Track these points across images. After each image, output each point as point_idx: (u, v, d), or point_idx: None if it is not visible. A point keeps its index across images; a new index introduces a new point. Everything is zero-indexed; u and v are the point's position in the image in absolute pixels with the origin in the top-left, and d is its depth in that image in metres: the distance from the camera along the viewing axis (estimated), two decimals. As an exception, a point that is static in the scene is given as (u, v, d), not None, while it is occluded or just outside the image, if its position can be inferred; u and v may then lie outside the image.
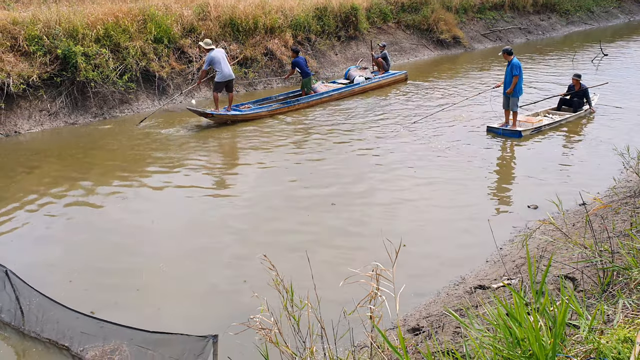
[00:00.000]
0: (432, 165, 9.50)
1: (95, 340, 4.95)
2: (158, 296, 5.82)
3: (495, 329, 2.15)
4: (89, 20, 13.10)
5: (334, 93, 14.31)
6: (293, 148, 10.65)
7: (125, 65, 13.30)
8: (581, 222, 6.51)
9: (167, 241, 7.00)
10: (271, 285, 2.89)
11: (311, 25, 17.87)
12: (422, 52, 21.09)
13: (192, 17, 15.33)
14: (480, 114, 12.54)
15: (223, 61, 12.12)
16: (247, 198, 8.31)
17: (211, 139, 11.32)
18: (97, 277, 6.14)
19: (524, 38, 25.00)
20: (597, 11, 30.18)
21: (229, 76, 12.30)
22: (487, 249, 6.51)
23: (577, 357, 2.04)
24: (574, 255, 5.16)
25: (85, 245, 6.93)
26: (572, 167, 9.40)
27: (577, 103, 12.14)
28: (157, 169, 9.50)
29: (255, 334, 4.48)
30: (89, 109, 12.71)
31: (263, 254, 3.07)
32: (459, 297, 5.49)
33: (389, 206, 7.90)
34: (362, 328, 2.87)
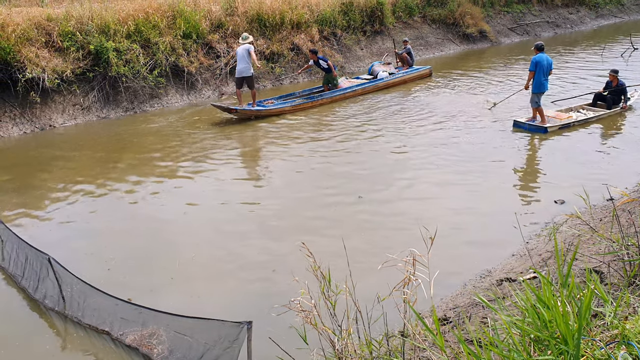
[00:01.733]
0: (457, 159, 9.55)
1: (134, 326, 5.16)
2: (191, 284, 6.02)
3: (523, 314, 2.27)
4: (120, 17, 13.42)
5: (357, 88, 14.39)
6: (318, 142, 10.79)
7: (155, 60, 13.59)
8: (608, 217, 6.54)
9: (198, 231, 7.21)
10: (309, 271, 3.04)
11: (337, 20, 17.97)
12: (448, 46, 21.04)
13: (220, 13, 15.57)
14: (510, 108, 12.52)
15: (240, 58, 12.25)
16: (275, 190, 8.50)
17: (236, 134, 11.51)
18: (133, 265, 6.38)
19: (552, 32, 24.74)
20: (628, 4, 29.67)
21: (239, 73, 12.34)
22: (514, 242, 6.58)
23: (602, 341, 2.15)
24: (601, 248, 5.23)
25: (121, 235, 7.18)
26: (599, 162, 9.36)
27: (612, 100, 11.92)
28: (187, 162, 9.74)
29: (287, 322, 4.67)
30: (120, 104, 13.04)
31: (302, 242, 3.22)
32: (485, 290, 5.59)
33: (414, 200, 8.00)
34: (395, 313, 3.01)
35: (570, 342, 1.86)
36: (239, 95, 12.61)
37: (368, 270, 5.46)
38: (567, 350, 1.88)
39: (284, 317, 4.18)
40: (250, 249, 6.70)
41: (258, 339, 4.18)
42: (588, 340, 2.10)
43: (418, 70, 16.20)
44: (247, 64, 12.20)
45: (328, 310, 2.97)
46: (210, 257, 6.58)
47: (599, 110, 11.87)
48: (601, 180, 8.15)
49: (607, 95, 11.98)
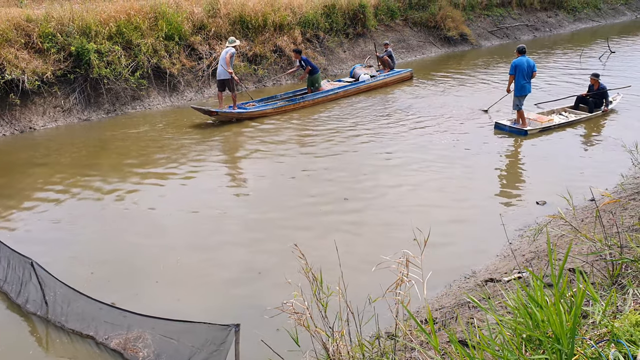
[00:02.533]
0: (438, 161, 9.62)
1: (118, 329, 5.11)
2: (176, 288, 5.98)
3: (514, 313, 2.30)
4: (101, 18, 13.30)
5: (339, 91, 14.39)
6: (300, 145, 10.80)
7: (137, 62, 13.49)
8: (590, 218, 6.64)
9: (182, 235, 7.17)
10: (300, 273, 3.05)
11: (319, 22, 18.01)
12: (430, 49, 21.20)
13: (202, 15, 15.51)
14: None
15: (221, 60, 12.26)
16: (258, 193, 8.48)
17: (217, 137, 11.43)
18: (117, 269, 6.32)
19: (531, 35, 25.07)
20: (604, 8, 30.19)
21: (218, 75, 12.39)
22: (497, 243, 6.66)
23: (592, 340, 2.18)
24: (584, 249, 5.31)
25: (104, 239, 7.11)
26: (579, 164, 9.50)
27: (593, 103, 12.07)
28: (169, 165, 9.67)
29: (274, 324, 4.66)
30: (102, 106, 12.91)
31: (294, 244, 3.22)
32: (470, 290, 5.64)
33: (398, 202, 8.04)
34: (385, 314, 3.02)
35: (564, 341, 1.89)
36: (220, 98, 12.56)
37: (357, 271, 5.49)
38: (560, 349, 1.91)
39: (271, 320, 4.18)
40: (235, 252, 6.68)
41: (245, 342, 4.16)
42: (579, 339, 2.13)
43: (399, 73, 16.28)
44: (227, 67, 12.17)
45: (320, 312, 2.98)
46: (195, 260, 6.54)
47: (581, 113, 12.03)
48: (581, 182, 8.27)
49: (588, 98, 12.16)
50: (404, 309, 2.69)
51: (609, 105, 12.21)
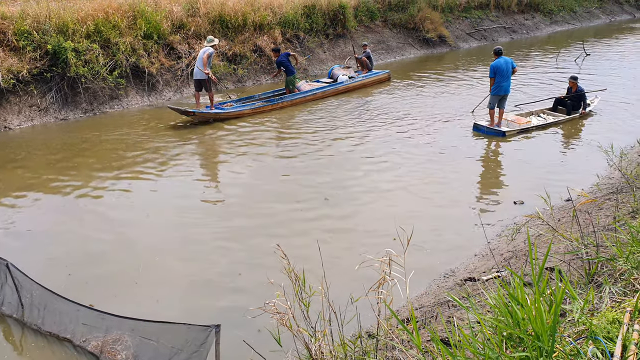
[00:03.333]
0: (417, 162, 9.68)
1: (97, 332, 5.04)
2: (156, 289, 5.93)
3: (495, 312, 2.32)
4: (79, 16, 13.13)
5: (318, 92, 14.36)
6: (278, 146, 10.77)
7: (115, 61, 13.35)
8: (566, 217, 6.74)
9: (161, 235, 7.11)
10: (284, 273, 3.04)
11: (300, 22, 18.01)
12: (409, 50, 21.32)
13: (181, 14, 15.39)
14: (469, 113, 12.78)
15: (198, 60, 12.19)
16: (238, 193, 8.45)
17: (195, 137, 11.31)
18: (95, 271, 6.24)
19: (508, 37, 25.36)
20: (580, 11, 30.68)
21: (195, 75, 12.32)
22: (476, 243, 6.72)
23: (571, 337, 2.22)
24: (561, 248, 5.39)
25: (82, 240, 7.01)
26: (556, 165, 9.63)
27: (571, 105, 12.22)
28: (147, 165, 9.57)
29: (255, 325, 4.65)
30: (79, 105, 12.74)
31: (277, 244, 3.21)
32: (449, 289, 5.68)
33: (377, 202, 8.08)
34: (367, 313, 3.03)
35: (544, 338, 1.92)
36: (197, 98, 12.47)
37: (339, 271, 5.50)
38: (540, 347, 1.94)
39: (252, 321, 4.17)
40: (215, 253, 6.64)
41: (226, 343, 4.14)
42: (558, 336, 2.16)
43: (377, 74, 16.32)
44: (203, 66, 12.09)
45: (302, 312, 2.98)
46: (175, 260, 6.49)
47: (559, 115, 12.19)
48: (559, 182, 8.39)
49: (567, 100, 12.33)
50: (385, 308, 2.71)
51: (587, 107, 12.39)
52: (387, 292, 2.66)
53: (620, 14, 33.21)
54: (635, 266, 3.14)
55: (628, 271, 3.16)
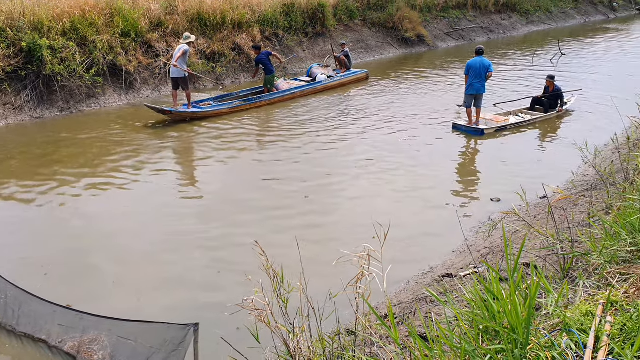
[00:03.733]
0: (396, 160, 9.73)
1: (73, 332, 4.98)
2: (134, 288, 5.88)
3: (471, 306, 2.35)
4: (54, 13, 12.93)
5: (296, 91, 14.32)
6: (257, 145, 10.74)
7: (92, 59, 13.18)
8: (542, 214, 6.84)
9: (139, 234, 7.05)
10: (262, 270, 3.04)
11: (279, 21, 17.97)
12: (388, 50, 21.41)
13: (159, 11, 15.27)
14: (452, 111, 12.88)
15: (173, 58, 12.08)
16: (215, 192, 8.42)
17: (172, 136, 11.18)
18: (72, 270, 6.17)
19: (485, 37, 25.61)
20: (555, 12, 31.09)
21: (172, 73, 12.20)
22: (453, 239, 6.78)
23: (546, 330, 2.26)
24: (537, 244, 5.47)
25: (58, 239, 6.93)
26: (533, 162, 9.75)
27: (549, 104, 12.37)
28: (123, 165, 9.46)
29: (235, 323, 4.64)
30: (55, 103, 12.56)
31: (255, 241, 3.21)
32: (427, 285, 5.73)
33: (356, 200, 8.11)
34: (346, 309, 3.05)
35: (520, 330, 1.94)
36: (174, 96, 12.36)
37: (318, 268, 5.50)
38: (516, 339, 1.97)
39: (231, 319, 4.15)
40: (194, 252, 6.61)
41: (204, 341, 4.13)
42: (533, 329, 2.20)
43: (355, 73, 16.34)
44: (180, 64, 11.97)
45: (280, 309, 2.98)
46: (153, 259, 6.44)
47: (536, 114, 12.35)
48: (534, 179, 8.48)
49: (544, 99, 12.49)
50: (364, 304, 2.72)
51: (564, 106, 12.57)
52: (365, 287, 2.68)
53: (594, 15, 33.75)
54: (608, 260, 3.20)
55: (601, 265, 3.22)
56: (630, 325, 2.20)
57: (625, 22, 32.34)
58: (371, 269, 2.75)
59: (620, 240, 3.38)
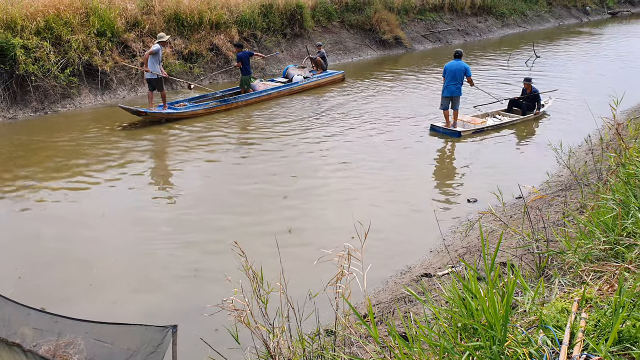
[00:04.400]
0: (374, 160, 9.78)
1: (48, 336, 4.90)
2: (111, 290, 5.82)
3: (450, 304, 2.38)
4: (28, 12, 12.74)
5: (272, 92, 14.29)
6: (233, 147, 10.66)
7: (67, 59, 13.00)
8: (518, 214, 6.93)
9: (116, 236, 6.98)
10: (241, 271, 3.03)
11: (257, 21, 17.94)
12: (365, 51, 21.50)
13: (136, 11, 15.12)
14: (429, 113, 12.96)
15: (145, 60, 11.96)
16: (193, 193, 8.36)
17: (147, 137, 11.06)
18: (48, 273, 6.07)
19: (462, 39, 25.87)
20: (530, 15, 31.55)
21: (146, 75, 12.07)
22: (431, 239, 6.83)
23: (523, 327, 2.29)
24: (513, 243, 5.55)
25: (32, 241, 6.81)
26: (509, 163, 9.87)
27: (526, 106, 12.48)
28: (96, 168, 9.31)
29: (214, 324, 4.61)
30: (29, 104, 12.35)
31: (234, 241, 3.20)
32: (406, 285, 5.77)
33: (334, 201, 8.13)
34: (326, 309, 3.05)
35: (497, 327, 1.97)
36: (150, 97, 12.23)
37: (298, 268, 5.50)
38: (494, 336, 2.00)
39: (210, 320, 4.13)
40: (171, 253, 6.56)
41: (183, 343, 4.09)
42: (510, 326, 2.23)
43: (332, 74, 16.36)
44: (151, 65, 11.85)
45: (260, 309, 2.97)
46: (131, 261, 6.38)
47: (514, 116, 12.49)
48: (511, 180, 8.56)
49: (521, 101, 12.64)
50: (344, 303, 2.73)
51: (541, 108, 12.73)
52: (345, 286, 2.69)
53: (568, 18, 34.33)
54: (583, 258, 3.26)
55: (576, 263, 3.28)
56: (604, 321, 2.24)
57: (597, 26, 32.96)
58: (351, 268, 2.76)
59: (594, 238, 3.44)
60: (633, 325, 2.14)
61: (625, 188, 3.90)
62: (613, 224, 3.45)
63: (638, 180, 3.90)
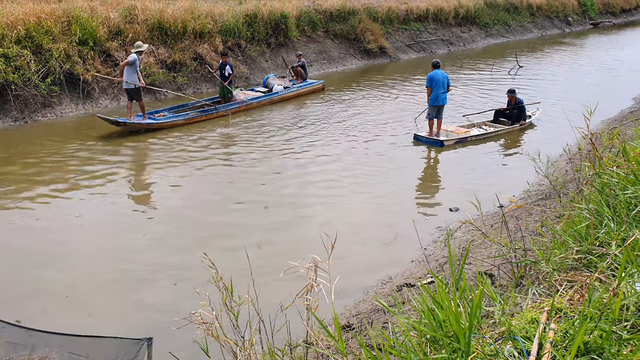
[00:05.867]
0: (356, 170, 9.78)
1: (21, 350, 4.81)
2: (88, 302, 5.74)
3: (420, 315, 2.36)
4: (8, 20, 12.63)
5: (253, 102, 14.26)
6: (213, 156, 10.56)
7: (48, 67, 12.90)
8: (499, 223, 6.96)
9: (93, 248, 6.90)
10: (212, 283, 3.00)
11: (241, 31, 17.93)
12: (350, 61, 21.58)
13: (118, 20, 15.06)
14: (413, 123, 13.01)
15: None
16: (171, 205, 8.29)
17: (126, 148, 10.94)
18: (24, 285, 5.98)
19: (446, 49, 26.07)
20: (513, 25, 31.89)
21: (124, 84, 11.94)
22: (412, 249, 6.83)
23: (492, 338, 2.28)
24: (492, 252, 5.56)
25: (9, 252, 6.71)
26: (491, 173, 9.91)
27: (516, 116, 12.54)
28: (77, 177, 9.23)
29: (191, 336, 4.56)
30: (9, 113, 12.22)
31: (203, 252, 3.17)
32: (386, 295, 5.76)
33: (315, 210, 8.11)
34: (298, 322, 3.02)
35: (462, 339, 1.96)
36: (129, 108, 12.12)
37: (272, 280, 5.47)
38: (459, 348, 1.98)
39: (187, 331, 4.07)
40: (149, 265, 6.49)
41: (160, 356, 4.04)
42: (479, 337, 2.22)
43: (312, 84, 16.37)
44: (128, 75, 11.73)
45: (231, 322, 2.94)
46: (108, 273, 6.30)
47: (499, 126, 12.53)
48: (493, 190, 8.58)
49: (507, 112, 12.71)
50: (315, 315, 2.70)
51: (527, 119, 12.78)
52: (313, 298, 2.67)
53: (550, 29, 34.74)
54: (556, 268, 3.26)
55: (549, 273, 3.28)
56: (572, 332, 2.24)
57: (579, 36, 33.39)
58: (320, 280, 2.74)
59: (568, 248, 3.45)
60: (600, 335, 2.14)
61: (600, 197, 3.92)
62: (586, 233, 3.46)
63: (611, 190, 3.92)
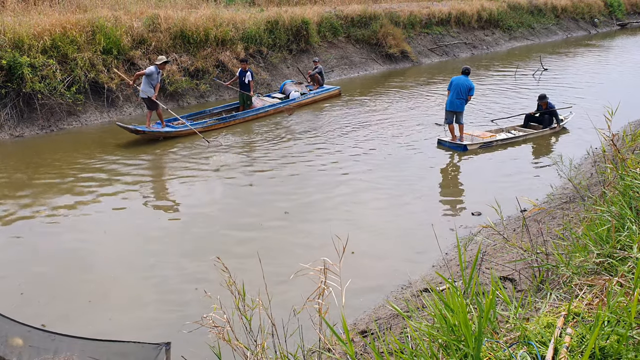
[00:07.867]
0: (379, 175, 9.74)
1: (45, 353, 4.89)
2: (110, 307, 5.81)
3: (433, 320, 2.33)
4: (35, 31, 12.90)
5: (270, 109, 14.28)
6: (231, 164, 10.55)
7: (74, 76, 13.13)
8: (521, 227, 6.84)
9: (116, 253, 6.99)
10: (224, 287, 3.00)
11: (263, 38, 18.03)
12: (372, 66, 21.54)
13: (142, 29, 15.28)
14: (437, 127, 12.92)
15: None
16: (193, 212, 8.32)
17: (147, 156, 11.02)
18: (49, 290, 6.08)
19: (469, 53, 25.87)
20: (538, 27, 31.52)
21: (141, 94, 12.08)
22: (434, 254, 6.76)
23: (505, 343, 2.24)
24: (513, 257, 5.47)
25: (34, 259, 6.84)
26: (516, 178, 9.70)
27: (548, 121, 12.32)
28: (99, 186, 9.34)
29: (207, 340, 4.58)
30: (36, 121, 12.47)
31: (217, 257, 3.17)
32: (406, 300, 5.70)
33: (338, 215, 8.09)
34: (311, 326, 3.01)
35: (470, 343, 1.92)
36: (148, 116, 12.24)
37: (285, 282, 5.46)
38: (469, 352, 1.95)
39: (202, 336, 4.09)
40: (170, 270, 6.55)
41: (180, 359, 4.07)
42: (492, 342, 2.18)
43: (328, 90, 16.37)
44: (145, 85, 11.85)
45: (244, 326, 2.94)
46: (130, 278, 6.38)
47: (529, 131, 12.31)
48: (516, 194, 8.47)
49: (537, 116, 12.50)
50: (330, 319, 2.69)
51: (560, 123, 12.50)
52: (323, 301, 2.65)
53: (576, 31, 34.25)
54: (576, 272, 3.19)
55: (570, 277, 3.22)
56: (589, 337, 2.18)
57: (606, 38, 32.84)
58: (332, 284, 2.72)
59: (589, 251, 3.38)
60: (617, 340, 2.08)
61: (622, 200, 3.83)
62: (607, 237, 3.38)
63: (634, 192, 3.83)
